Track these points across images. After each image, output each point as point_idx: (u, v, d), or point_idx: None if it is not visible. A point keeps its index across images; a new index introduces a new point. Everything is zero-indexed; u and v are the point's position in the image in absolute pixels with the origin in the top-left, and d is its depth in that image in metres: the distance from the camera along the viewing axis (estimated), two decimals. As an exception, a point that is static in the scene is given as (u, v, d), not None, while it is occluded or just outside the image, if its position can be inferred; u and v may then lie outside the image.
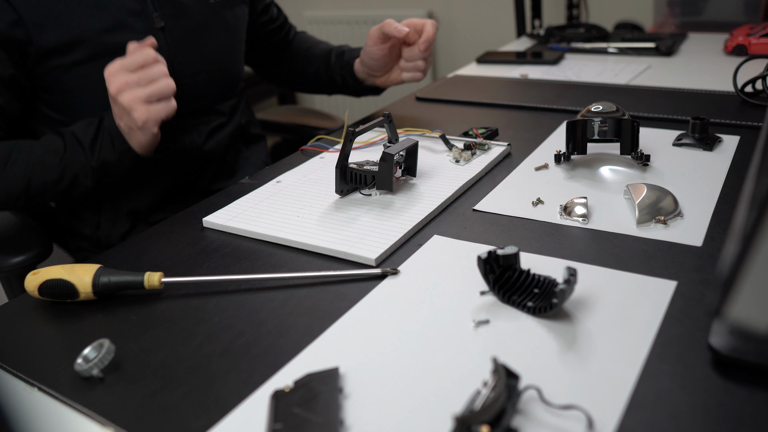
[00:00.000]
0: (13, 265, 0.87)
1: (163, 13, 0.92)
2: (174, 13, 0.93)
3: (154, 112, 0.78)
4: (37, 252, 0.89)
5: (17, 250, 0.88)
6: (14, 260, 0.87)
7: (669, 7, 1.66)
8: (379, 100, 2.66)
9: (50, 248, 0.91)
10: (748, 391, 0.43)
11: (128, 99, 0.76)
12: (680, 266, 0.58)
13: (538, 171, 0.81)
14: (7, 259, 0.88)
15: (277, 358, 0.50)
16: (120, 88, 0.77)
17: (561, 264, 0.59)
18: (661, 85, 1.15)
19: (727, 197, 0.70)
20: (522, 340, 0.50)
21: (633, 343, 0.48)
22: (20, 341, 0.57)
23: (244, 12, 1.09)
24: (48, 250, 0.91)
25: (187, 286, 0.62)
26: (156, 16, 0.91)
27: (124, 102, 0.77)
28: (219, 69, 1.03)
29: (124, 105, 0.77)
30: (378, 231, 0.68)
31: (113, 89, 0.77)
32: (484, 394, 0.42)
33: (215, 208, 0.77)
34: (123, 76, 0.77)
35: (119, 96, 0.77)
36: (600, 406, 0.42)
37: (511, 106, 1.09)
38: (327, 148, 0.94)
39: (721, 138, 0.85)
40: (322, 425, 0.42)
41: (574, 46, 1.50)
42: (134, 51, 0.79)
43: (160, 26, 0.91)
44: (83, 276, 0.59)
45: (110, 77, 0.78)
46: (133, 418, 0.46)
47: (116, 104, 0.79)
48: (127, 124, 0.80)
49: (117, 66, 0.78)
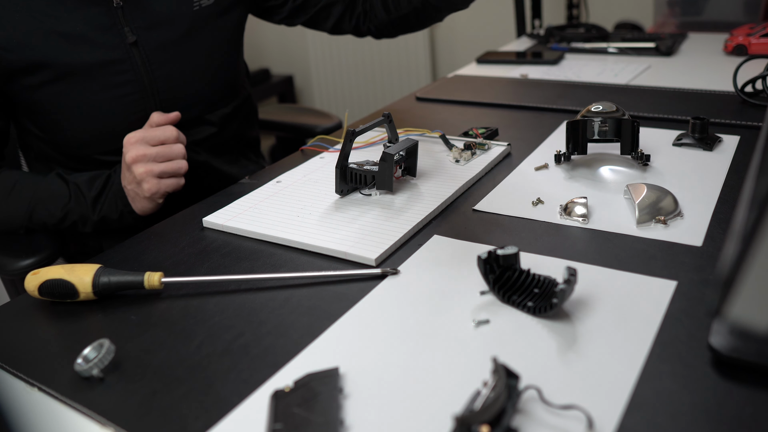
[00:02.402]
0: (22, 268, 0.87)
1: (135, 26, 0.88)
2: (149, 25, 0.89)
3: (164, 186, 0.81)
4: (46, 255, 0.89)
5: (27, 253, 0.88)
6: (23, 263, 0.87)
7: (669, 7, 1.66)
8: (379, 100, 2.66)
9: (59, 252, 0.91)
10: (748, 391, 0.43)
11: (142, 171, 0.79)
12: (680, 266, 0.58)
13: (538, 171, 0.81)
14: (16, 262, 0.87)
15: (277, 358, 0.50)
16: (136, 159, 0.79)
17: (561, 264, 0.59)
18: (661, 85, 1.15)
19: (727, 197, 0.70)
20: (522, 340, 0.50)
21: (633, 343, 0.48)
22: (20, 341, 0.57)
23: (241, 13, 1.03)
24: (56, 254, 0.90)
25: (187, 286, 0.62)
26: (127, 30, 0.87)
27: (137, 173, 0.79)
28: (208, 79, 0.97)
29: (136, 175, 0.80)
30: (378, 231, 0.68)
31: (129, 158, 0.79)
32: (484, 394, 0.42)
33: (215, 208, 0.77)
34: (142, 148, 0.79)
35: (134, 166, 0.79)
36: (600, 406, 0.42)
37: (511, 106, 1.09)
38: (327, 148, 0.94)
39: (721, 138, 0.85)
40: (322, 425, 0.42)
41: (574, 46, 1.50)
42: (156, 123, 0.82)
43: (131, 41, 0.87)
44: (83, 276, 0.59)
45: (129, 146, 0.80)
46: (133, 418, 0.46)
47: (129, 172, 0.81)
48: (134, 190, 0.82)
49: (138, 136, 0.80)
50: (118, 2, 0.86)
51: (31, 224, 0.86)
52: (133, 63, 0.88)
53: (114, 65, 0.87)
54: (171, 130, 0.81)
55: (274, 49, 2.96)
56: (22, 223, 0.86)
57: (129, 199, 0.84)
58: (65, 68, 0.85)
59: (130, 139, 0.80)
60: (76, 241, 1.02)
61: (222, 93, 1.02)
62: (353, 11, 1.12)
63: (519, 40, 1.73)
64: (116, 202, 0.85)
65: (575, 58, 1.42)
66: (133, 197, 0.83)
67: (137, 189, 0.81)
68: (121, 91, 0.88)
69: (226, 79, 1.02)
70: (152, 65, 0.90)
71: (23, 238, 0.91)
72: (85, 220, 0.86)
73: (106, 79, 0.87)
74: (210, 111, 0.99)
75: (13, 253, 0.89)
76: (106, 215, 0.86)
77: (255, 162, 1.14)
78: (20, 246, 0.90)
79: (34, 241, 0.91)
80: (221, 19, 0.98)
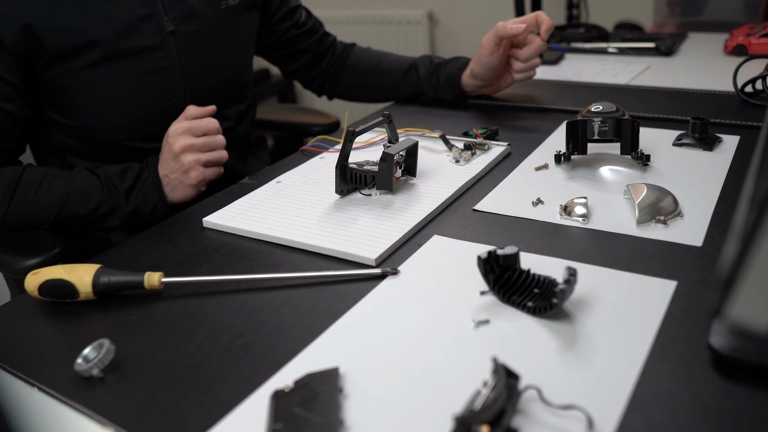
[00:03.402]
0: (27, 267, 0.86)
1: (173, 16, 0.92)
2: (185, 16, 0.93)
3: (209, 174, 0.85)
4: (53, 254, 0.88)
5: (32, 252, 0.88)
6: (29, 262, 0.87)
7: (669, 7, 1.66)
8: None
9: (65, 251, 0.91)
10: (748, 391, 0.43)
11: (191, 160, 0.83)
12: (680, 266, 0.58)
13: (538, 171, 0.81)
14: (22, 261, 0.87)
15: (277, 358, 0.50)
16: (184, 149, 0.83)
17: (561, 264, 0.59)
18: (661, 85, 1.15)
19: (727, 197, 0.70)
20: (522, 340, 0.50)
21: (633, 343, 0.48)
22: (20, 341, 0.57)
23: (255, 18, 1.08)
24: (63, 254, 0.90)
25: (187, 286, 0.62)
26: (166, 20, 0.91)
27: (185, 161, 0.83)
28: (229, 74, 1.03)
29: (184, 163, 0.83)
30: (378, 231, 0.68)
31: (178, 147, 0.83)
32: (484, 394, 0.42)
33: (215, 208, 0.77)
34: (189, 138, 0.83)
35: (182, 155, 0.83)
36: (600, 406, 0.42)
37: (511, 106, 1.09)
38: (327, 149, 0.94)
39: (721, 138, 0.85)
40: (322, 425, 0.42)
41: (574, 46, 1.50)
42: (193, 115, 0.86)
43: (170, 30, 0.92)
44: (83, 276, 0.59)
45: (176, 136, 0.84)
46: (133, 418, 0.46)
47: (176, 161, 0.84)
48: (178, 179, 0.85)
49: (184, 127, 0.84)
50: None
51: (60, 217, 0.87)
52: (169, 50, 0.92)
53: (152, 52, 0.91)
54: (214, 122, 0.85)
55: (274, 49, 2.95)
56: (50, 216, 0.86)
57: (169, 189, 0.86)
58: (110, 52, 0.88)
59: (177, 130, 0.84)
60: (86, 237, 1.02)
61: (239, 90, 1.06)
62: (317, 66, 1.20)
63: (519, 40, 1.73)
64: (151, 193, 0.86)
65: (575, 58, 1.43)
66: (176, 185, 0.86)
67: (182, 177, 0.84)
68: (155, 78, 0.92)
69: (243, 76, 1.07)
70: (186, 54, 0.94)
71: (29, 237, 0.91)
72: (116, 211, 0.87)
73: (143, 64, 0.90)
74: (228, 106, 1.04)
75: (19, 252, 0.88)
76: (139, 207, 0.87)
77: (261, 160, 1.17)
78: (26, 245, 0.90)
79: (40, 240, 0.91)
80: (242, 19, 1.03)
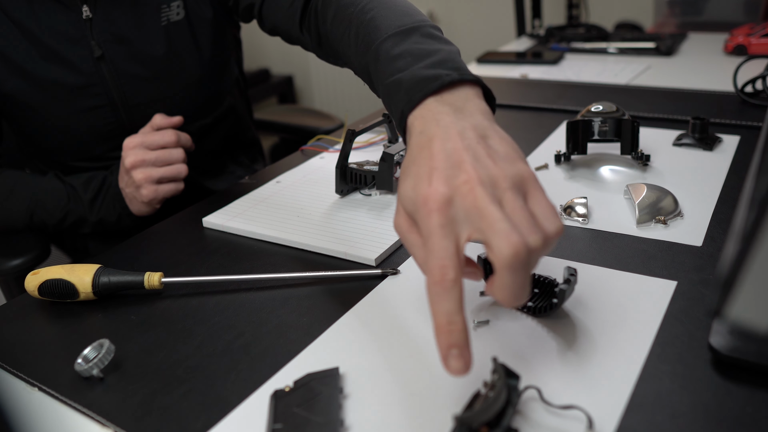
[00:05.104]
0: (10, 268, 0.87)
1: (102, 40, 0.85)
2: (116, 39, 0.86)
3: (162, 192, 0.80)
4: (35, 255, 0.89)
5: (15, 253, 0.88)
6: (12, 263, 0.87)
7: (669, 7, 1.66)
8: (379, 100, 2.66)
9: (48, 251, 0.91)
10: (748, 391, 0.43)
11: (141, 176, 0.78)
12: (680, 266, 0.58)
13: (538, 171, 0.81)
14: (5, 262, 0.87)
15: (277, 358, 0.50)
16: (135, 164, 0.78)
17: (561, 264, 0.59)
18: (661, 85, 1.15)
19: (727, 197, 0.70)
20: (522, 340, 0.50)
21: (633, 343, 0.48)
22: (20, 341, 0.57)
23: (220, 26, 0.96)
24: (46, 253, 0.90)
25: (187, 286, 0.62)
26: (94, 44, 0.85)
27: (136, 178, 0.79)
28: (182, 94, 0.93)
29: (135, 180, 0.79)
30: (378, 231, 0.68)
31: (128, 163, 0.78)
32: (484, 394, 0.42)
33: (215, 208, 0.77)
34: (141, 153, 0.78)
35: (133, 171, 0.79)
36: (600, 406, 0.42)
37: (511, 106, 1.09)
38: (327, 148, 0.94)
39: (721, 138, 0.85)
40: (322, 425, 0.42)
41: (574, 46, 1.50)
42: (158, 125, 0.80)
43: (98, 55, 0.85)
44: (83, 276, 0.59)
45: (128, 150, 0.79)
46: (133, 418, 0.46)
47: (128, 176, 0.80)
48: (132, 194, 0.82)
49: (137, 141, 0.79)
50: (87, 15, 0.84)
51: (33, 225, 0.87)
52: (101, 77, 0.86)
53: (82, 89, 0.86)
54: (170, 135, 0.80)
55: (274, 49, 2.95)
56: (24, 223, 0.86)
57: (126, 201, 0.84)
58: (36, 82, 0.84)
59: (129, 144, 0.79)
60: (72, 241, 1.02)
61: (202, 105, 0.98)
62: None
63: (519, 40, 1.73)
64: (114, 204, 0.85)
65: (575, 58, 1.42)
66: (131, 200, 0.83)
67: (135, 193, 0.81)
68: (90, 104, 0.87)
69: (206, 91, 0.98)
70: (121, 79, 0.87)
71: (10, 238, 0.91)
72: (84, 221, 0.86)
73: (75, 101, 0.86)
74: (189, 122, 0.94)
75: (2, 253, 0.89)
76: (104, 217, 0.85)
77: (248, 167, 1.11)
78: (7, 246, 0.90)
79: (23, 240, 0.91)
80: (197, 33, 0.93)
